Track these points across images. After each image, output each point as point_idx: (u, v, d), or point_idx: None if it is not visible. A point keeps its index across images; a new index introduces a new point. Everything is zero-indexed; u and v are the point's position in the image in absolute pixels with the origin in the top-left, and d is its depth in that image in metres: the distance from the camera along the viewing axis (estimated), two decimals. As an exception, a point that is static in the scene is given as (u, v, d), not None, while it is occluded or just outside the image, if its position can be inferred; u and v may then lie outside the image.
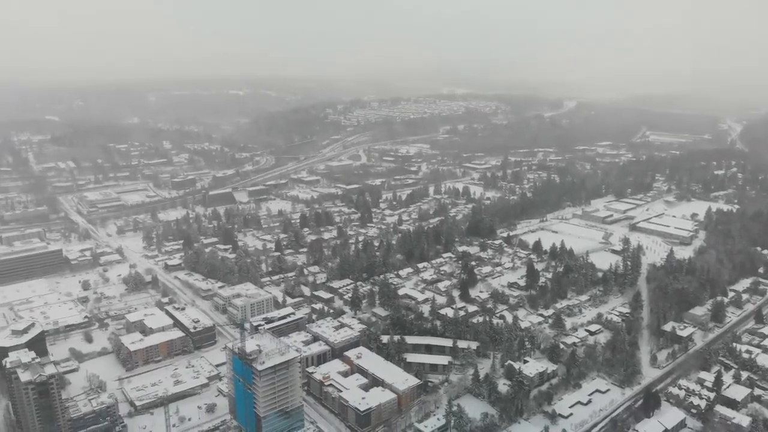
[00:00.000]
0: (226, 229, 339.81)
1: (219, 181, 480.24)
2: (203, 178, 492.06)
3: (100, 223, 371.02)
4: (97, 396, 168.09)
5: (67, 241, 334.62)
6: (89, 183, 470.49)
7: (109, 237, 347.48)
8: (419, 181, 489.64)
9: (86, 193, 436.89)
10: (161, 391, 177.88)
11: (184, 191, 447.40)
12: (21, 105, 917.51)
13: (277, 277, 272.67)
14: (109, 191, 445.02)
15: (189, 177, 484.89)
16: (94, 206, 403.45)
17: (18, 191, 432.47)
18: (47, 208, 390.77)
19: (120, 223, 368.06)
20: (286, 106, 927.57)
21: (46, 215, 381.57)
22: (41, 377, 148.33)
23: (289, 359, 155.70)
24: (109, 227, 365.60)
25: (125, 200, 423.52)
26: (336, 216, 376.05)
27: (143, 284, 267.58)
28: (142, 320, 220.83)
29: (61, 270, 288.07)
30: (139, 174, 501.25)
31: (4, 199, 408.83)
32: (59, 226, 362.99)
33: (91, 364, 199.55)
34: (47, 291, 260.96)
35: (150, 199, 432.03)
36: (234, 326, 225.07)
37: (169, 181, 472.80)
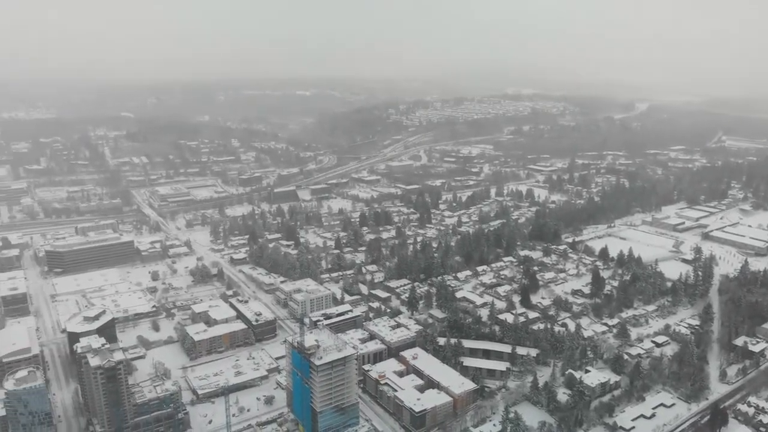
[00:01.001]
0: (289, 226, 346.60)
1: (284, 179, 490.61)
2: (269, 175, 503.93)
3: (170, 217, 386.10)
4: (162, 383, 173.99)
5: (138, 233, 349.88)
6: (161, 178, 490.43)
7: (178, 230, 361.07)
8: (481, 182, 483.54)
9: (158, 188, 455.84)
10: (222, 381, 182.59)
11: (251, 188, 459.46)
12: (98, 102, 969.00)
13: (336, 275, 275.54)
14: (180, 186, 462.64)
15: (255, 174, 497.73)
16: (165, 200, 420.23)
17: (94, 184, 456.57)
18: (121, 201, 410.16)
19: (189, 217, 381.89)
20: (350, 107, 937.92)
21: (119, 208, 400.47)
22: (110, 363, 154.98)
23: (346, 356, 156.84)
24: (178, 221, 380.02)
25: (194, 195, 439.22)
26: (395, 216, 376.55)
27: (209, 276, 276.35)
28: (207, 311, 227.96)
29: (132, 260, 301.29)
30: (209, 170, 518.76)
31: (81, 191, 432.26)
32: (132, 218, 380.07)
33: (158, 351, 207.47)
34: (119, 280, 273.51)
35: (218, 194, 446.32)
36: (294, 320, 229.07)
37: (236, 178, 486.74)
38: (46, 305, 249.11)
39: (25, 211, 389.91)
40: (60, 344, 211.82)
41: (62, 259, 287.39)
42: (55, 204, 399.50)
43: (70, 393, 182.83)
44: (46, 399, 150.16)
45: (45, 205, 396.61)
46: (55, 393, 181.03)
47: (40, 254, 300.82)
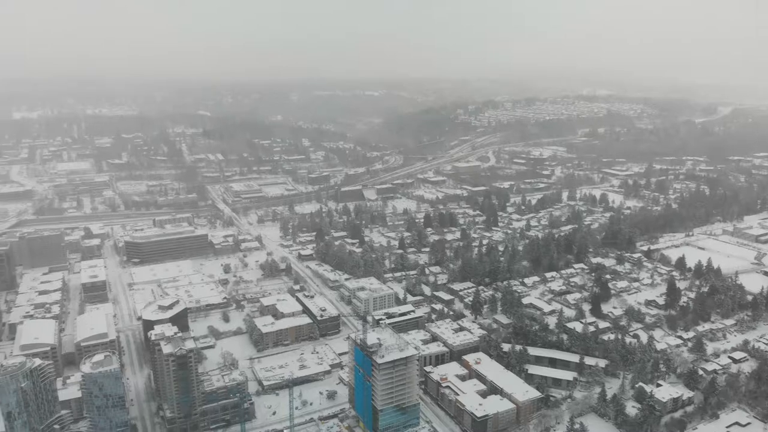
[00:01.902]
0: (354, 225, 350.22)
1: (351, 178, 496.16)
2: (337, 174, 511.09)
3: (242, 212, 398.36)
4: (230, 373, 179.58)
5: (212, 227, 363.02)
6: (235, 175, 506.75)
7: (249, 225, 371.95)
8: (552, 185, 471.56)
9: (232, 184, 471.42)
10: (287, 374, 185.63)
11: (319, 187, 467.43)
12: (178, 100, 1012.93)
13: (399, 274, 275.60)
14: (252, 183, 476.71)
15: (324, 173, 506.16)
16: (238, 196, 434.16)
17: (172, 179, 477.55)
18: (196, 196, 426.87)
19: (260, 213, 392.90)
20: (418, 107, 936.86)
21: (195, 202, 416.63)
22: (181, 351, 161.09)
23: (408, 356, 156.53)
24: (250, 216, 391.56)
25: (266, 192, 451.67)
26: (460, 217, 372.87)
27: (278, 271, 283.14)
28: (275, 305, 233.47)
29: (206, 253, 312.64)
30: (280, 169, 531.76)
31: (159, 185, 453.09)
32: (206, 212, 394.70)
33: (227, 342, 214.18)
34: (192, 271, 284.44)
35: (288, 192, 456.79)
36: (357, 318, 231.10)
37: (306, 177, 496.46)
38: (124, 293, 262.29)
39: (106, 203, 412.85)
40: (135, 331, 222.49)
41: (140, 249, 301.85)
42: (135, 197, 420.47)
43: (143, 378, 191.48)
44: (120, 383, 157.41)
45: (125, 198, 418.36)
46: (128, 377, 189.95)
47: (120, 244, 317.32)
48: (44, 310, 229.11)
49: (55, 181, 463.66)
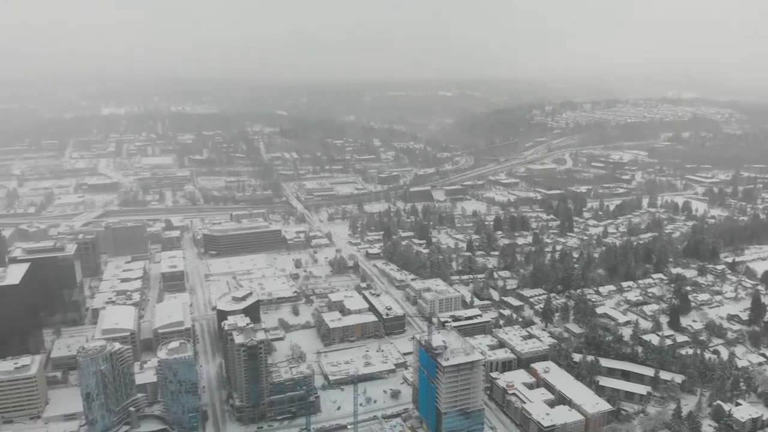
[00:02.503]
0: (422, 225, 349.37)
1: (420, 178, 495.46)
2: (406, 175, 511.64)
3: (314, 210, 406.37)
4: (297, 365, 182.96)
5: (285, 223, 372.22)
6: (308, 173, 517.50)
7: (320, 222, 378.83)
8: (631, 191, 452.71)
9: (305, 182, 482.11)
10: (352, 370, 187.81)
11: (388, 186, 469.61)
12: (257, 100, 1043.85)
13: (467, 277, 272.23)
14: (324, 181, 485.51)
15: (393, 173, 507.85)
16: (311, 194, 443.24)
17: (249, 176, 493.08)
18: (272, 193, 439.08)
19: (331, 211, 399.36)
20: (491, 107, 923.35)
21: (270, 198, 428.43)
22: (252, 341, 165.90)
23: (474, 360, 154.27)
24: (321, 214, 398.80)
25: (337, 191, 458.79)
26: (533, 221, 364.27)
27: (346, 268, 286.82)
28: (342, 301, 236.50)
29: (279, 248, 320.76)
30: (351, 168, 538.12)
31: (237, 181, 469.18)
32: (280, 209, 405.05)
33: (295, 335, 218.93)
34: (265, 265, 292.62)
35: (358, 191, 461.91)
36: (422, 319, 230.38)
37: (375, 176, 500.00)
38: (200, 284, 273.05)
39: (187, 196, 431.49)
40: (210, 320, 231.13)
41: (217, 242, 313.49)
42: (214, 192, 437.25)
43: (215, 366, 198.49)
44: (193, 370, 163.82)
45: (205, 193, 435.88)
46: (201, 365, 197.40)
47: (198, 237, 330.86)
48: (125, 297, 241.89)
49: (140, 175, 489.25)
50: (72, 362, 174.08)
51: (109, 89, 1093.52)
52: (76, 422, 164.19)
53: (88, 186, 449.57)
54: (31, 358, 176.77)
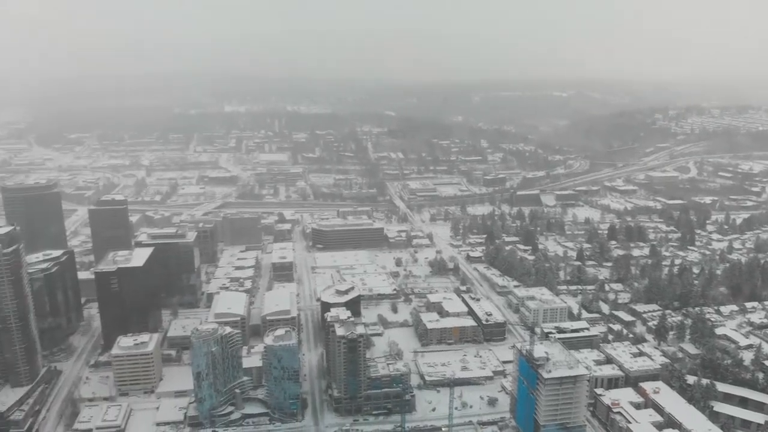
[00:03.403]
0: (528, 230, 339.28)
1: (528, 182, 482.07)
2: (513, 177, 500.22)
3: (416, 210, 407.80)
4: (394, 362, 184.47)
5: (388, 222, 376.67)
6: (412, 173, 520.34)
7: (422, 223, 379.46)
8: (761, 204, 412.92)
9: (409, 182, 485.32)
10: (449, 373, 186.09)
11: (494, 189, 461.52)
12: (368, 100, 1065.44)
13: (575, 288, 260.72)
14: (428, 182, 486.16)
15: (500, 175, 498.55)
16: (414, 194, 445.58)
17: (356, 174, 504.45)
18: (376, 191, 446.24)
19: (433, 212, 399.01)
20: (610, 109, 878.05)
21: (374, 197, 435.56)
22: (353, 334, 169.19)
23: (578, 375, 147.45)
24: (423, 214, 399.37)
25: (440, 191, 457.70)
26: (650, 232, 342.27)
27: (445, 270, 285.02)
28: (441, 302, 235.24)
29: (380, 245, 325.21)
30: (456, 169, 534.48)
31: (345, 179, 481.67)
32: (384, 207, 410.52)
33: (393, 332, 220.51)
34: (367, 261, 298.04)
35: (462, 192, 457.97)
36: (524, 328, 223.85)
37: (481, 178, 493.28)
38: (307, 275, 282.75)
39: (298, 192, 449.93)
40: (314, 311, 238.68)
41: (324, 237, 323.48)
42: (323, 189, 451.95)
43: (316, 356, 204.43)
44: (296, 358, 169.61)
45: (315, 189, 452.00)
46: (304, 353, 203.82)
47: (307, 231, 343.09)
48: (238, 283, 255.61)
49: (257, 170, 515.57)
50: (186, 342, 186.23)
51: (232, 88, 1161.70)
52: (185, 399, 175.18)
53: (209, 178, 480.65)
54: (150, 336, 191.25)
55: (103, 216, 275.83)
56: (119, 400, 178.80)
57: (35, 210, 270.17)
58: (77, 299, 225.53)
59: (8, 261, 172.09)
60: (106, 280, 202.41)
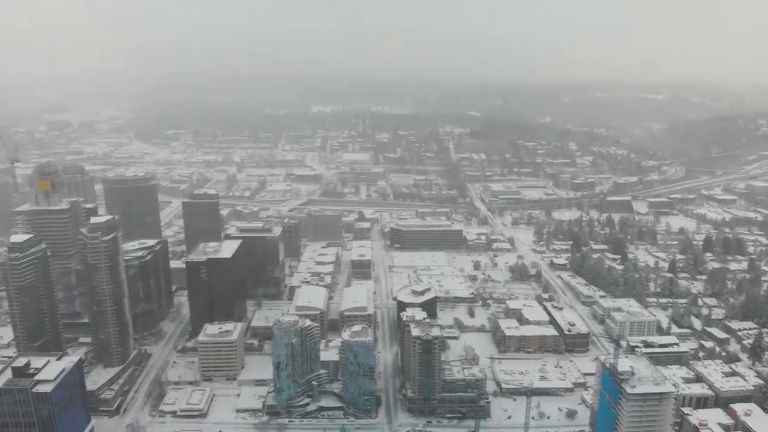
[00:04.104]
0: (617, 239, 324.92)
1: (619, 187, 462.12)
2: (603, 182, 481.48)
3: (497, 213, 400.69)
4: (470, 367, 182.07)
5: (467, 224, 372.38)
6: (495, 175, 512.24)
7: (503, 226, 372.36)
8: None
9: (491, 184, 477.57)
10: (527, 381, 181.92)
11: (582, 193, 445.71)
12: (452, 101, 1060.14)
13: (665, 301, 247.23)
14: (511, 184, 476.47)
15: (589, 180, 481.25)
16: (496, 196, 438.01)
17: (436, 175, 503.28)
18: (457, 193, 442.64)
19: (515, 215, 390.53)
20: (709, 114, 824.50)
21: (454, 198, 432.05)
22: (428, 336, 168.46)
23: (664, 392, 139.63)
24: (505, 217, 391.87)
25: (524, 195, 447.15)
26: (750, 245, 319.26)
27: (527, 276, 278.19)
28: (520, 309, 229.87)
29: (459, 248, 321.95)
30: (541, 172, 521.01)
31: (425, 180, 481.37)
32: (463, 209, 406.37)
33: (470, 336, 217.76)
34: (445, 263, 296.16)
35: (547, 196, 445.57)
36: (609, 340, 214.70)
37: (568, 182, 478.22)
38: (384, 274, 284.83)
39: (379, 191, 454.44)
40: (390, 309, 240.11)
41: (402, 236, 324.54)
42: (403, 189, 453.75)
43: (391, 354, 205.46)
44: (372, 354, 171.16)
45: (395, 189, 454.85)
46: (380, 351, 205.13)
47: (386, 230, 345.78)
48: (319, 278, 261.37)
49: (340, 169, 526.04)
50: (268, 332, 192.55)
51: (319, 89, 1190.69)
52: (265, 388, 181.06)
53: (296, 176, 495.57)
54: (234, 325, 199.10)
55: (196, 209, 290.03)
56: (203, 384, 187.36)
57: (133, 201, 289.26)
58: (168, 287, 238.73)
59: (106, 248, 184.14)
60: (196, 269, 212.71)
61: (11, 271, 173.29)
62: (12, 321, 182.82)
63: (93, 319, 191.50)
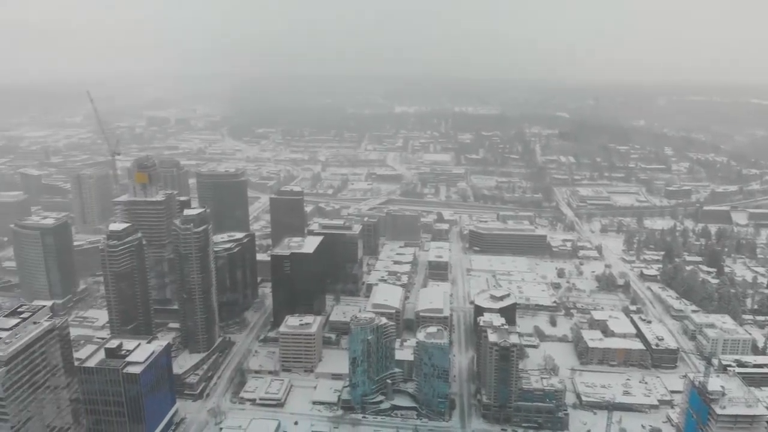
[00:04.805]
0: (713, 250, 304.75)
1: (717, 196, 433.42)
2: (700, 190, 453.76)
3: (585, 219, 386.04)
4: (549, 378, 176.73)
5: (552, 229, 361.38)
6: (583, 179, 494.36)
7: (591, 233, 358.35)
8: None
9: (579, 188, 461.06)
10: (609, 396, 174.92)
11: (676, 201, 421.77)
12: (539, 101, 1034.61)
13: (763, 319, 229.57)
14: (601, 189, 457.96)
15: (684, 187, 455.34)
16: (584, 201, 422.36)
17: (520, 177, 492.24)
18: (542, 196, 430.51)
19: (604, 222, 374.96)
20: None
21: (539, 202, 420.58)
22: (506, 342, 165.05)
23: (756, 414, 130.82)
24: (593, 224, 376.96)
25: (614, 201, 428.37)
26: None
27: (614, 286, 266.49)
28: (606, 321, 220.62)
29: (542, 254, 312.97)
30: (634, 177, 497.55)
31: (508, 182, 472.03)
32: (548, 214, 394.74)
33: (550, 346, 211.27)
34: (526, 269, 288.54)
35: (639, 203, 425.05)
36: (699, 357, 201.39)
37: (662, 189, 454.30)
38: (461, 276, 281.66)
39: (459, 193, 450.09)
40: (466, 313, 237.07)
41: (482, 239, 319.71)
42: (485, 191, 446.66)
43: (466, 359, 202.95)
44: (447, 357, 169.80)
45: (476, 191, 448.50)
46: (455, 354, 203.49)
47: (465, 232, 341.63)
48: (395, 277, 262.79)
49: (420, 169, 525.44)
50: (345, 328, 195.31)
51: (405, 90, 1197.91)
52: (340, 382, 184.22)
53: (377, 175, 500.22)
54: (314, 318, 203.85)
55: (282, 204, 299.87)
56: (282, 375, 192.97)
57: (224, 195, 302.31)
58: (254, 278, 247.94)
59: (197, 239, 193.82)
60: (280, 262, 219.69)
61: (109, 257, 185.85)
62: (107, 304, 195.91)
63: (182, 306, 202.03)
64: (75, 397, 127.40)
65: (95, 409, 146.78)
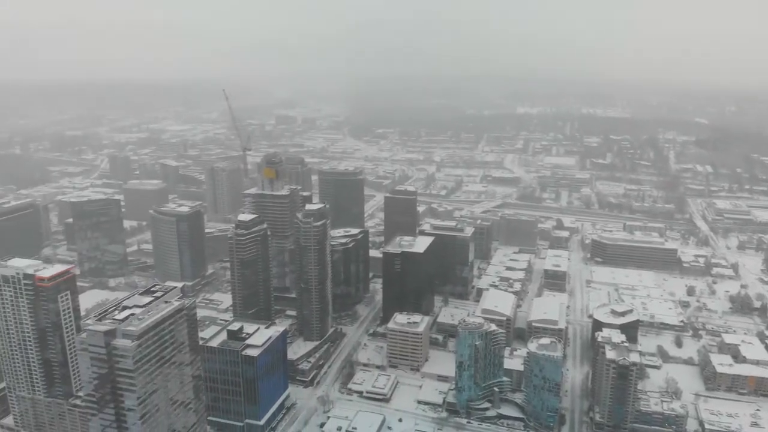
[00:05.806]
0: None
1: None
2: None
3: (722, 234, 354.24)
4: (670, 401, 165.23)
5: (684, 243, 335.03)
6: (721, 191, 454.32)
7: (727, 249, 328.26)
8: None
9: (716, 201, 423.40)
10: (735, 426, 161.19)
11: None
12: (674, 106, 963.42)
13: None
14: (740, 203, 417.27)
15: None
16: (720, 215, 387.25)
17: (651, 186, 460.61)
18: (674, 207, 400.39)
19: (742, 239, 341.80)
20: None
21: (670, 213, 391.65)
22: (625, 361, 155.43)
23: None
24: (730, 240, 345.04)
25: (755, 216, 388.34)
26: None
27: (750, 308, 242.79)
28: (737, 345, 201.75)
29: (671, 269, 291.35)
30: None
31: (638, 190, 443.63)
32: (680, 227, 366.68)
33: (673, 368, 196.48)
34: (652, 284, 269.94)
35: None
36: None
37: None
38: (580, 288, 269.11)
39: (582, 199, 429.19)
40: (583, 327, 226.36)
41: (605, 250, 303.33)
42: (611, 198, 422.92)
43: (580, 374, 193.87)
44: (559, 371, 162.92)
45: (601, 198, 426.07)
46: (568, 368, 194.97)
47: (587, 241, 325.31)
48: (507, 284, 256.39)
49: (540, 173, 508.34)
50: (453, 330, 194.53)
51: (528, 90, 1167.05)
52: (446, 385, 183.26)
53: (492, 178, 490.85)
54: (421, 318, 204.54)
55: (396, 203, 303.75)
56: (388, 370, 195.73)
57: (342, 192, 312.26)
58: (366, 273, 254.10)
59: (317, 233, 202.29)
60: (391, 260, 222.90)
61: (236, 245, 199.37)
62: (232, 289, 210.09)
63: (299, 295, 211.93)
64: (197, 374, 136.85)
65: (215, 386, 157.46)
